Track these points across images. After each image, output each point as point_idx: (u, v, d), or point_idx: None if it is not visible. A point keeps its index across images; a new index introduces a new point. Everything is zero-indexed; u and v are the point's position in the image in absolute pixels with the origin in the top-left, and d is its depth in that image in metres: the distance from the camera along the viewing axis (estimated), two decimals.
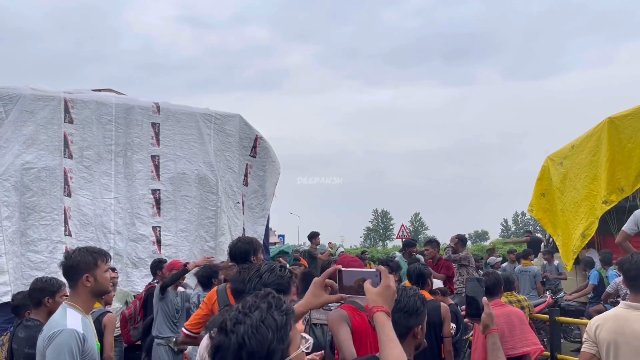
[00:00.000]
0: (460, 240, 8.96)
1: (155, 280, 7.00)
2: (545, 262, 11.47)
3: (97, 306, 4.52)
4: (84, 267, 2.75)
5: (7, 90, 7.91)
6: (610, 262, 9.35)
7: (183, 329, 3.79)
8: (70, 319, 2.65)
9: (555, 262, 11.28)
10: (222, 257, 8.50)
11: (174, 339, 5.64)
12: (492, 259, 12.63)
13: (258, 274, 2.30)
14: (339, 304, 3.62)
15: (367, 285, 1.90)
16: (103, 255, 2.87)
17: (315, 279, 2.10)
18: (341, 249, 15.44)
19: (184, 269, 5.86)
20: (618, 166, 9.79)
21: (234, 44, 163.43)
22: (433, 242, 9.00)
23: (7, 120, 7.79)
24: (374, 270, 1.96)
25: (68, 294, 3.95)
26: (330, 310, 3.67)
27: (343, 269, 2.05)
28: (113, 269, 7.24)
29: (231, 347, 1.35)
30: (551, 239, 12.89)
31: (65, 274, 2.82)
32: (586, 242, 10.55)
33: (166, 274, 6.32)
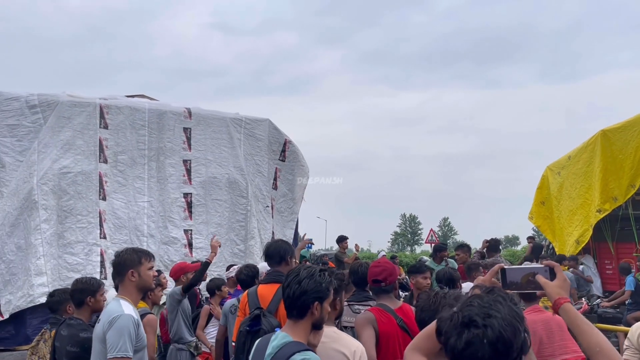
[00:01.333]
0: (490, 245, 8.77)
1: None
2: (571, 268, 11.20)
3: (143, 306, 4.54)
4: (129, 264, 3.05)
5: (46, 97, 8.17)
6: None
7: (233, 343, 3.80)
8: (125, 307, 2.95)
9: (580, 267, 11.03)
10: (252, 260, 8.57)
11: (194, 343, 5.63)
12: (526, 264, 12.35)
13: (297, 280, 2.29)
14: (369, 307, 3.64)
15: (543, 279, 1.97)
16: (147, 254, 3.16)
17: (481, 278, 2.18)
18: (383, 253, 15.52)
19: (205, 263, 5.66)
20: (611, 176, 10.35)
21: (263, 49, 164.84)
22: (464, 247, 8.91)
23: (46, 126, 8.03)
24: (542, 265, 2.04)
25: (105, 293, 4.09)
26: (360, 313, 3.68)
27: (506, 267, 2.11)
28: (159, 272, 7.30)
29: (487, 340, 1.37)
30: (551, 245, 13.11)
31: (114, 271, 3.11)
32: (580, 248, 11.02)
33: (174, 278, 6.25)
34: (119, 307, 2.92)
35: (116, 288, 4.57)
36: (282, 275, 3.73)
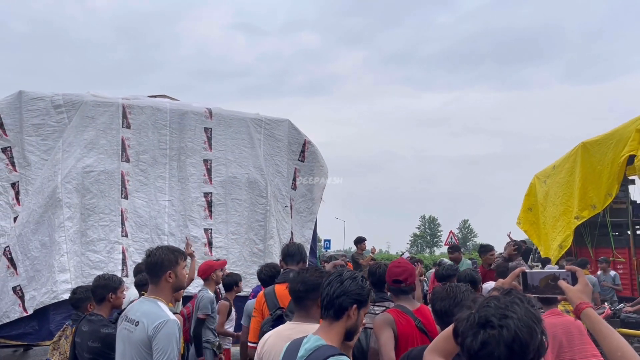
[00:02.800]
0: (517, 249, 8.69)
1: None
2: (600, 271, 11.01)
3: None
4: (168, 265, 2.97)
5: (70, 96, 8.33)
6: None
7: (249, 342, 3.82)
8: (167, 311, 2.90)
9: (612, 273, 10.84)
10: (271, 259, 8.60)
11: (217, 343, 5.71)
12: (549, 267, 12.23)
13: (340, 279, 2.22)
14: (385, 308, 3.62)
15: (565, 284, 1.98)
16: (182, 253, 3.13)
17: (502, 281, 2.21)
18: (407, 254, 15.62)
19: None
20: (590, 185, 11.52)
21: (285, 50, 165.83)
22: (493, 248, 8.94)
23: (70, 125, 8.19)
24: (564, 270, 2.05)
25: (126, 290, 4.14)
26: (376, 314, 3.67)
27: (527, 270, 2.13)
28: None
29: (503, 340, 1.39)
30: (538, 250, 13.89)
31: (150, 270, 3.02)
32: (563, 252, 11.94)
33: (203, 277, 6.26)
34: (160, 310, 2.88)
35: (137, 285, 4.60)
36: None
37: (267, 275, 5.26)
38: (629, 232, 11.92)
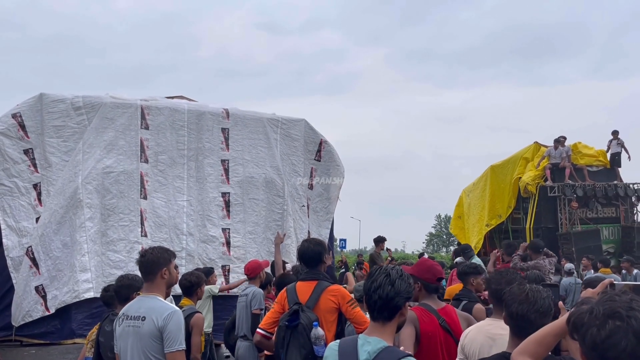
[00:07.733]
0: (532, 247, 8.56)
1: None
2: (624, 271, 10.84)
3: (189, 303, 4.56)
4: (163, 262, 3.15)
5: (90, 98, 8.44)
6: None
7: (258, 329, 3.81)
8: (169, 304, 3.11)
9: (635, 272, 10.66)
10: (288, 259, 8.62)
11: None
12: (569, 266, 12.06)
13: (390, 281, 2.19)
14: (409, 306, 3.62)
15: None
16: (172, 253, 3.33)
17: (591, 290, 2.20)
18: (425, 255, 16.43)
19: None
20: (497, 199, 15.31)
21: (306, 49, 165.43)
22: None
23: (90, 126, 8.30)
24: None
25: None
26: None
27: (616, 282, 2.18)
28: (211, 270, 7.31)
29: (631, 330, 1.46)
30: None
31: (146, 269, 3.16)
32: (476, 252, 13.58)
33: (252, 275, 6.20)
34: (163, 304, 3.05)
35: (105, 303, 4.58)
36: (321, 273, 3.75)
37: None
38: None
